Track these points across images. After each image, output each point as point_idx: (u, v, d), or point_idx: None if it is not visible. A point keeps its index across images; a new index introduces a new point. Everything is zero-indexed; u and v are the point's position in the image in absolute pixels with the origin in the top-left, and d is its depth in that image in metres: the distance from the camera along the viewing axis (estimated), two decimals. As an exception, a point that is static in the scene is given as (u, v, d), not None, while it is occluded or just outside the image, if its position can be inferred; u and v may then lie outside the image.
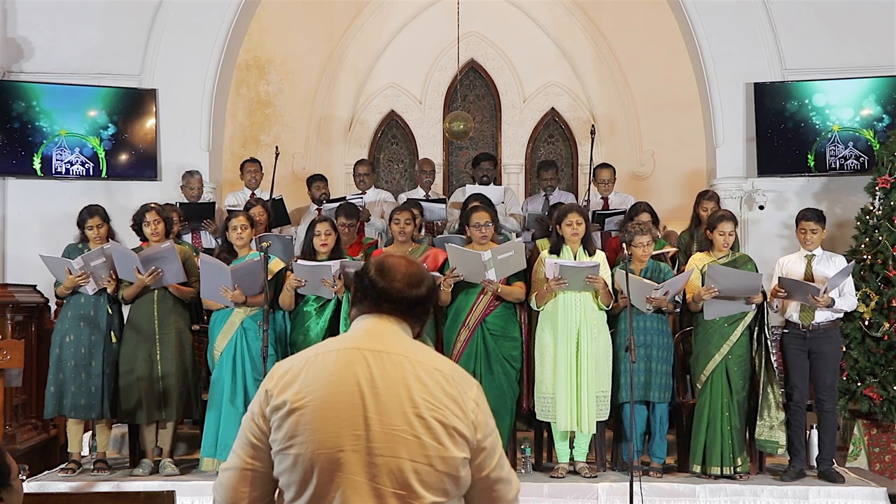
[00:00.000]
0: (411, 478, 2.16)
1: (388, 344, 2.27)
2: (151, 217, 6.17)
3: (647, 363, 6.02)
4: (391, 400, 2.19)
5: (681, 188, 8.89)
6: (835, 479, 6.03)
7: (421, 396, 2.20)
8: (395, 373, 2.22)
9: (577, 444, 6.10)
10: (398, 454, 2.16)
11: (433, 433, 2.18)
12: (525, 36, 9.70)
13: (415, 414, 2.18)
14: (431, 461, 2.17)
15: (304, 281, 5.96)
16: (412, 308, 2.34)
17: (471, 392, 2.28)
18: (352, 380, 2.20)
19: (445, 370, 2.27)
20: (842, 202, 8.22)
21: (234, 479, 2.28)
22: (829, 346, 6.12)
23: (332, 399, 2.19)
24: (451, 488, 2.21)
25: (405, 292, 2.32)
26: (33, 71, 8.38)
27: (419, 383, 2.21)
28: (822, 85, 8.21)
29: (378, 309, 2.32)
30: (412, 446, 2.17)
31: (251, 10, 8.91)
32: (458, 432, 2.21)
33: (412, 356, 2.26)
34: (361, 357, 2.23)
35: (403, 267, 2.34)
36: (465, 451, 2.22)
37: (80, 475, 6.06)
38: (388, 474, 2.16)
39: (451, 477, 2.20)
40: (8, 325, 6.77)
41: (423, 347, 2.34)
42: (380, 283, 2.32)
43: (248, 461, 2.27)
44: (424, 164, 8.45)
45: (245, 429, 2.29)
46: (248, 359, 5.98)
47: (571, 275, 5.86)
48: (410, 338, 2.35)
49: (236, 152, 9.14)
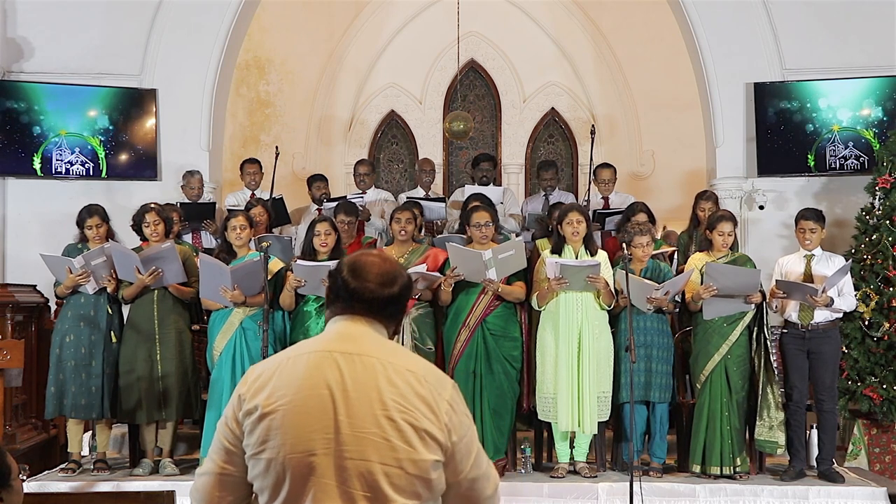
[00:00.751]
0: (381, 481, 2.14)
1: (361, 346, 2.24)
2: (151, 217, 6.17)
3: (647, 363, 6.02)
4: (361, 402, 2.16)
5: (681, 188, 8.89)
6: (835, 479, 6.03)
7: (391, 398, 2.17)
8: (365, 375, 2.19)
9: (578, 444, 6.10)
10: (368, 457, 2.14)
11: (403, 436, 2.15)
12: (525, 36, 9.71)
13: (385, 416, 2.15)
14: (402, 464, 2.15)
15: (303, 281, 5.96)
16: (384, 307, 2.30)
17: (444, 393, 2.23)
18: (322, 383, 2.18)
19: (418, 371, 2.23)
20: (842, 202, 8.22)
21: (209, 484, 2.29)
22: (828, 346, 6.12)
23: (302, 403, 2.17)
24: (422, 491, 2.18)
25: (377, 292, 2.27)
26: (33, 71, 8.38)
27: (390, 385, 2.18)
28: (822, 85, 8.21)
29: (351, 310, 2.29)
30: (382, 449, 2.14)
31: (251, 10, 8.91)
32: (429, 435, 2.17)
33: (384, 358, 2.22)
34: (332, 360, 2.20)
35: (377, 266, 2.30)
36: (436, 454, 2.19)
37: (80, 475, 6.06)
38: (359, 477, 2.14)
39: (423, 479, 2.17)
40: (8, 325, 6.76)
41: (397, 348, 2.32)
42: (352, 284, 2.28)
43: (223, 466, 2.27)
44: (424, 163, 8.45)
45: (219, 434, 2.28)
46: (247, 359, 5.97)
47: (572, 274, 5.86)
48: (384, 338, 2.31)
49: (236, 152, 9.14)
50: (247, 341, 6.00)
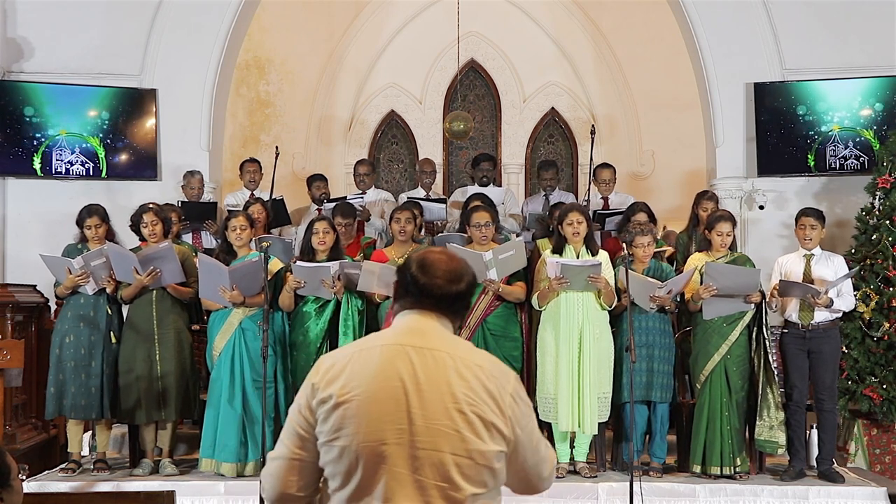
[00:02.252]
0: (452, 470, 2.23)
1: (431, 340, 2.33)
2: (149, 218, 6.16)
3: (648, 363, 6.02)
4: (433, 395, 2.26)
5: (681, 188, 8.89)
6: (835, 479, 6.03)
7: (462, 392, 2.27)
8: (437, 369, 2.29)
9: (578, 444, 6.10)
10: (440, 447, 2.23)
11: (473, 428, 2.25)
12: (525, 36, 9.70)
13: (456, 409, 2.25)
14: (471, 454, 2.24)
15: (303, 282, 5.96)
16: (453, 303, 2.40)
17: (508, 386, 2.34)
18: (395, 375, 2.27)
19: (485, 366, 2.33)
20: (842, 202, 8.22)
21: (282, 468, 2.35)
22: (828, 345, 6.12)
23: (376, 394, 2.26)
24: (488, 480, 2.28)
25: (445, 288, 2.37)
26: (33, 71, 8.38)
27: (460, 379, 2.28)
28: (822, 85, 8.21)
29: (420, 305, 2.38)
30: (453, 440, 2.24)
31: (251, 10, 8.91)
32: (495, 427, 2.27)
33: (453, 352, 2.32)
34: (405, 353, 2.30)
35: (444, 263, 2.39)
36: (501, 446, 2.29)
37: (80, 475, 6.06)
38: (430, 467, 2.23)
39: (489, 469, 2.27)
40: (8, 325, 6.76)
41: (464, 343, 2.41)
42: (421, 280, 2.37)
43: (296, 451, 2.33)
44: (425, 163, 8.45)
45: (292, 420, 2.35)
46: (246, 359, 5.98)
47: (573, 274, 5.86)
48: (451, 333, 2.40)
49: (236, 152, 9.13)
50: (246, 341, 6.00)
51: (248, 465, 5.93)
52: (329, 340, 6.09)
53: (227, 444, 5.92)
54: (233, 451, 5.91)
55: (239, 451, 5.92)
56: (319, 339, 6.07)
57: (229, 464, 5.91)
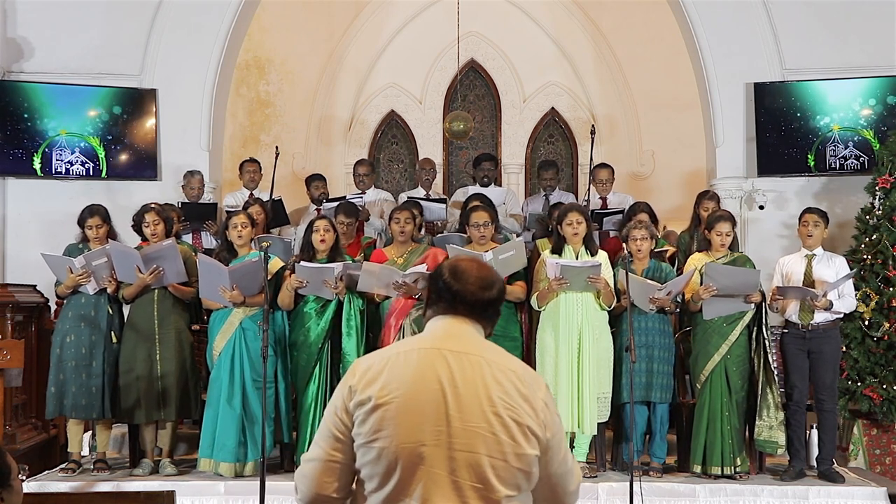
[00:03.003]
0: (489, 472, 2.27)
1: (466, 344, 2.40)
2: (151, 218, 6.17)
3: (648, 363, 6.02)
4: (470, 398, 2.31)
5: (681, 188, 8.89)
6: (835, 479, 6.03)
7: (498, 396, 2.32)
8: (473, 372, 2.34)
9: (578, 444, 6.09)
10: (477, 450, 2.28)
11: (509, 431, 2.30)
12: (525, 36, 9.70)
13: (492, 412, 2.30)
14: (507, 457, 2.29)
15: (305, 282, 5.96)
16: (485, 310, 2.46)
17: (540, 392, 2.39)
18: (433, 378, 2.32)
19: (518, 371, 2.39)
20: (842, 202, 8.22)
21: (317, 470, 2.38)
22: (828, 345, 6.12)
23: (415, 396, 2.31)
24: (522, 483, 2.33)
25: (478, 295, 2.44)
26: (33, 71, 8.39)
27: (496, 383, 2.33)
28: (822, 85, 8.21)
29: (454, 310, 2.44)
30: (490, 443, 2.28)
31: (251, 10, 8.91)
32: (531, 431, 2.32)
33: (488, 357, 2.38)
34: (442, 357, 2.35)
35: (476, 270, 2.46)
36: (535, 449, 2.33)
37: (80, 475, 6.06)
38: (467, 468, 2.27)
39: (524, 472, 2.32)
40: (8, 325, 6.76)
41: (497, 348, 2.46)
42: (454, 286, 2.44)
43: (332, 453, 2.37)
44: (425, 163, 8.45)
45: (328, 422, 2.39)
46: (246, 359, 5.98)
47: (573, 275, 5.86)
48: (483, 338, 2.47)
49: (236, 152, 9.13)
50: (246, 341, 5.99)
51: (247, 465, 5.92)
52: (330, 341, 6.09)
53: (225, 443, 5.92)
54: (231, 451, 5.91)
55: (238, 452, 5.92)
56: (321, 339, 6.07)
57: (228, 464, 5.90)
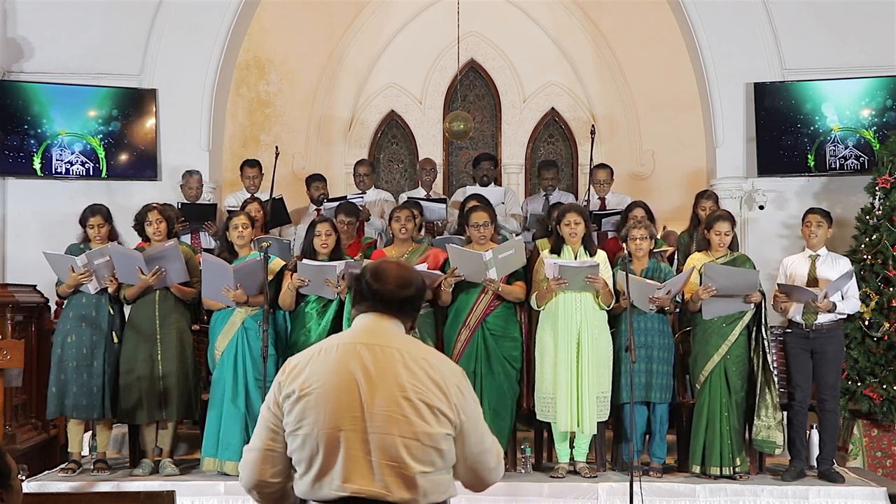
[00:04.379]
0: (402, 451, 2.51)
1: (383, 338, 2.63)
2: (153, 217, 6.16)
3: (647, 363, 6.02)
4: (383, 385, 2.54)
5: (681, 188, 8.89)
6: (835, 479, 6.03)
7: (408, 381, 2.55)
8: (386, 362, 2.57)
9: (578, 444, 6.10)
10: (390, 431, 2.52)
11: (419, 413, 2.53)
12: (525, 36, 9.70)
13: (403, 397, 2.53)
14: (419, 437, 2.52)
15: (307, 281, 5.95)
16: (403, 306, 2.69)
17: (454, 378, 2.63)
18: (348, 369, 2.56)
19: (431, 359, 2.63)
20: (842, 202, 8.21)
21: (257, 459, 2.67)
22: (831, 345, 6.11)
23: (332, 387, 2.55)
24: (436, 460, 2.55)
25: (396, 293, 2.67)
26: (33, 71, 8.38)
27: (407, 370, 2.56)
28: (822, 85, 8.21)
29: (374, 308, 2.68)
30: (402, 424, 2.52)
31: (251, 10, 8.91)
32: (441, 412, 2.55)
33: (402, 347, 2.62)
34: (356, 350, 2.59)
35: (394, 271, 2.70)
36: (447, 429, 2.56)
37: (80, 475, 6.06)
38: (382, 449, 2.51)
39: (436, 450, 2.55)
40: (8, 325, 6.75)
41: (414, 341, 2.70)
42: (374, 286, 2.67)
43: (268, 443, 2.64)
44: (425, 163, 8.45)
45: (263, 416, 2.66)
46: (249, 359, 5.98)
47: (571, 275, 5.86)
48: (403, 333, 2.69)
49: (236, 152, 9.13)
50: (249, 341, 6.00)
51: (251, 464, 5.92)
52: (331, 341, 6.08)
53: (230, 442, 5.92)
54: (236, 449, 5.90)
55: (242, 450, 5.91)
56: (321, 339, 6.03)
57: (233, 462, 5.89)
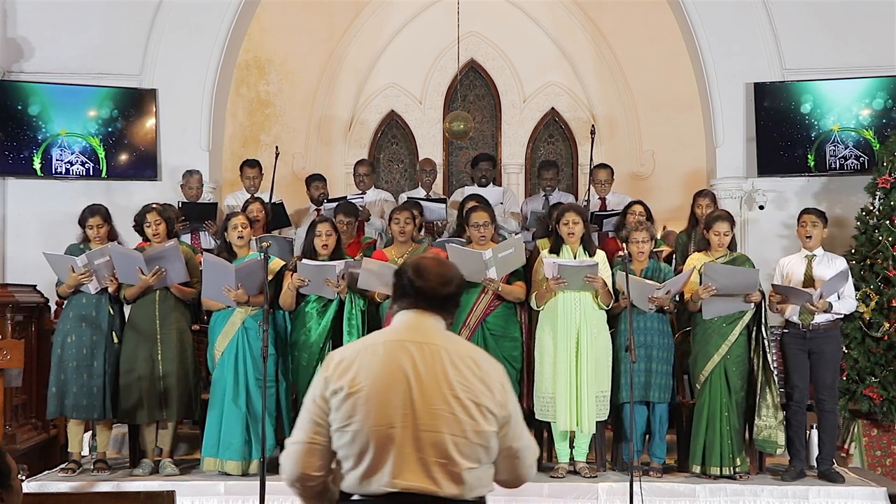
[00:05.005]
0: (451, 448, 2.56)
1: (428, 335, 2.67)
2: (152, 218, 6.16)
3: (647, 363, 6.02)
4: (432, 383, 2.59)
5: (681, 188, 8.88)
6: (835, 479, 6.03)
7: (456, 380, 2.60)
8: (433, 360, 2.61)
9: (577, 443, 6.10)
10: (440, 429, 2.57)
11: (468, 411, 2.58)
12: (525, 36, 9.70)
13: (452, 395, 2.58)
14: (467, 434, 2.58)
15: (307, 280, 5.96)
16: (444, 303, 2.74)
17: (497, 375, 2.68)
18: (398, 367, 2.60)
19: (476, 357, 2.68)
20: (842, 202, 8.21)
21: (301, 452, 2.67)
22: (829, 345, 6.11)
23: (382, 384, 2.59)
24: (482, 456, 2.61)
25: (438, 290, 2.71)
26: (33, 71, 8.37)
27: (454, 369, 2.61)
28: (823, 85, 8.20)
29: (416, 305, 2.72)
30: (451, 422, 2.57)
31: (251, 10, 8.91)
32: (488, 409, 2.60)
33: (448, 346, 2.66)
34: (404, 347, 2.63)
35: (435, 268, 2.74)
36: (493, 426, 2.62)
37: (80, 475, 6.06)
38: (432, 446, 2.56)
39: (483, 447, 2.61)
40: (8, 325, 6.75)
41: (456, 338, 2.76)
42: (417, 283, 2.71)
43: (313, 437, 2.65)
44: (425, 163, 8.45)
45: (308, 409, 2.67)
46: (249, 359, 5.98)
47: (570, 274, 5.86)
48: (444, 329, 2.73)
49: (236, 152, 9.13)
50: (249, 341, 6.00)
51: (253, 463, 5.93)
52: (331, 340, 6.09)
53: (231, 442, 5.93)
54: (238, 449, 5.92)
55: (243, 450, 5.93)
56: (322, 338, 6.07)
57: (234, 462, 5.92)
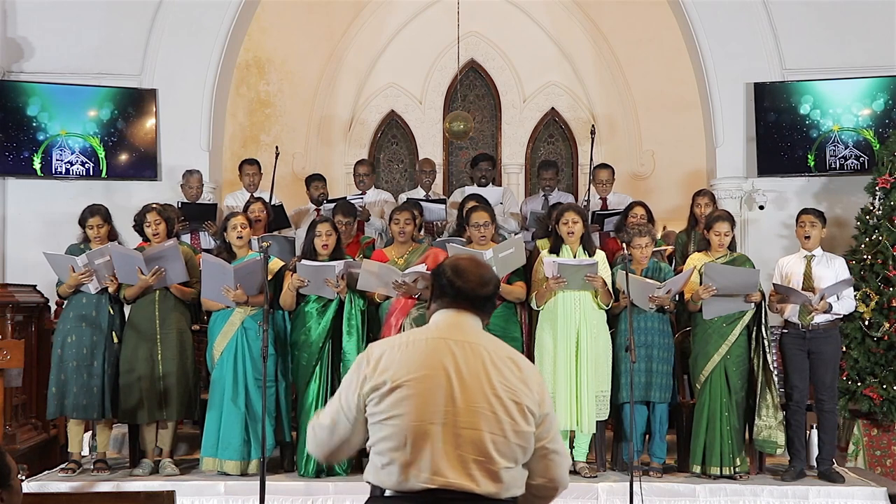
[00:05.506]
0: (490, 447, 2.58)
1: (468, 334, 2.70)
2: (152, 218, 6.16)
3: (647, 363, 6.02)
4: (473, 382, 2.61)
5: (681, 188, 8.88)
6: (835, 479, 6.03)
7: (497, 379, 2.62)
8: (475, 359, 2.64)
9: (577, 443, 6.10)
10: (479, 427, 2.58)
11: (508, 410, 2.60)
12: (525, 36, 9.71)
13: (493, 394, 2.60)
14: (506, 433, 2.59)
15: (306, 281, 5.96)
16: (484, 304, 2.78)
17: (535, 376, 2.72)
18: (440, 364, 2.62)
19: (515, 358, 2.71)
20: (842, 202, 8.22)
21: (327, 438, 2.73)
22: (828, 346, 6.11)
23: (424, 380, 2.60)
24: (519, 456, 2.63)
25: (478, 291, 2.75)
26: (33, 71, 8.38)
27: (495, 368, 2.64)
28: (823, 85, 8.21)
29: (456, 304, 2.75)
30: (491, 421, 2.58)
31: (251, 10, 8.91)
32: (528, 409, 2.63)
33: (488, 345, 2.70)
34: (447, 345, 2.65)
35: (475, 269, 2.79)
36: (532, 426, 2.64)
37: (80, 475, 6.06)
38: (471, 444, 2.57)
39: (521, 447, 2.63)
40: (8, 325, 6.76)
41: (495, 339, 2.77)
42: (457, 283, 2.74)
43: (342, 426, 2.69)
44: (425, 164, 8.44)
45: (342, 397, 2.70)
46: (248, 359, 5.99)
47: (570, 273, 5.86)
48: (482, 329, 2.78)
49: (236, 152, 9.13)
50: (248, 341, 6.00)
51: (252, 463, 5.94)
52: (331, 340, 6.09)
53: (231, 442, 5.93)
54: (237, 449, 5.93)
55: (242, 450, 5.94)
56: (322, 338, 6.06)
57: (233, 462, 5.92)
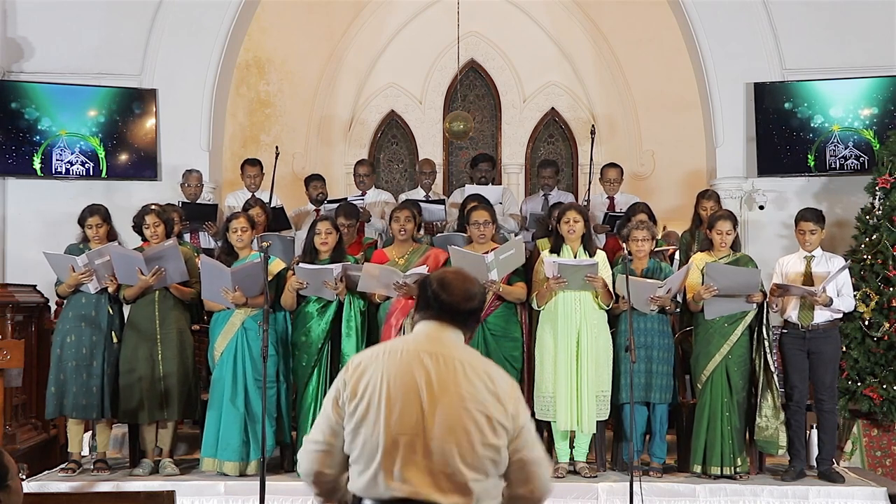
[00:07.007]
0: (458, 460, 2.58)
1: (445, 348, 2.71)
2: (151, 219, 6.15)
3: (647, 364, 6.01)
4: (444, 395, 2.62)
5: (681, 188, 8.89)
6: (835, 479, 6.03)
7: (469, 392, 2.63)
8: (448, 372, 2.65)
9: (577, 443, 6.10)
10: (448, 440, 2.59)
11: (477, 424, 2.60)
12: (525, 36, 9.71)
13: (463, 407, 2.61)
14: (475, 446, 2.60)
15: (305, 283, 5.96)
16: (467, 318, 2.79)
17: (511, 391, 2.70)
18: (412, 376, 2.64)
19: (490, 372, 2.71)
20: (842, 202, 8.21)
21: (316, 452, 2.75)
22: (828, 346, 6.11)
23: (395, 391, 2.63)
24: (490, 469, 2.63)
25: (462, 305, 2.76)
26: (33, 71, 8.38)
27: (467, 382, 2.64)
28: (823, 85, 8.20)
29: (439, 317, 2.76)
30: (460, 434, 2.59)
31: (251, 10, 8.91)
32: (499, 423, 2.63)
33: (464, 358, 2.70)
34: (420, 358, 2.67)
35: (460, 283, 2.78)
36: (503, 440, 2.64)
37: (80, 475, 6.06)
38: (440, 455, 2.58)
39: (491, 460, 2.62)
40: (8, 325, 6.75)
41: (473, 352, 2.79)
42: (441, 296, 2.75)
43: (329, 439, 2.73)
44: (425, 164, 8.44)
45: (326, 411, 2.74)
46: (248, 359, 5.99)
47: (570, 273, 5.86)
48: (463, 343, 2.78)
49: (236, 152, 9.13)
50: (248, 342, 6.00)
51: (251, 464, 5.94)
52: (331, 341, 6.09)
53: (230, 442, 5.93)
54: (236, 449, 5.93)
55: (241, 451, 5.94)
56: (322, 339, 6.07)
57: (232, 462, 5.93)
